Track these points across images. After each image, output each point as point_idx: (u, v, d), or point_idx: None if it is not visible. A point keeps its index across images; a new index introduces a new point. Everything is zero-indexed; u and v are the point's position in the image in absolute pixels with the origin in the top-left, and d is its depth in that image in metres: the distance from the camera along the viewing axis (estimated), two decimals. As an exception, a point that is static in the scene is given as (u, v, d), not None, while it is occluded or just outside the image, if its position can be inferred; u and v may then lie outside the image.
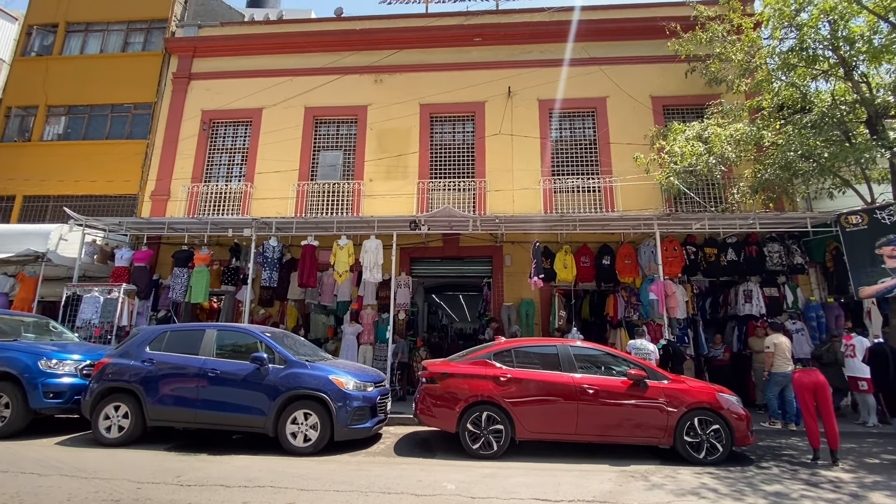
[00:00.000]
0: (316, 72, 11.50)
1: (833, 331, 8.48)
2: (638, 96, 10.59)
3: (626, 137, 10.31)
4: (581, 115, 10.99)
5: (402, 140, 10.95)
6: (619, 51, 10.97)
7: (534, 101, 10.89)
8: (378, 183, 10.68)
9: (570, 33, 10.96)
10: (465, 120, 11.24)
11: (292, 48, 11.85)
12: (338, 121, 11.50)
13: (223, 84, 11.76)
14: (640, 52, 10.87)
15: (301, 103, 11.35)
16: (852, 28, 7.74)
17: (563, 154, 10.76)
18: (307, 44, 11.84)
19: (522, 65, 11.08)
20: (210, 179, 11.34)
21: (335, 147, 11.33)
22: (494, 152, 10.66)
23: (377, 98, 11.30)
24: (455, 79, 11.19)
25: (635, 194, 9.88)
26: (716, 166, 8.37)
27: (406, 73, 11.42)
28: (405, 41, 11.53)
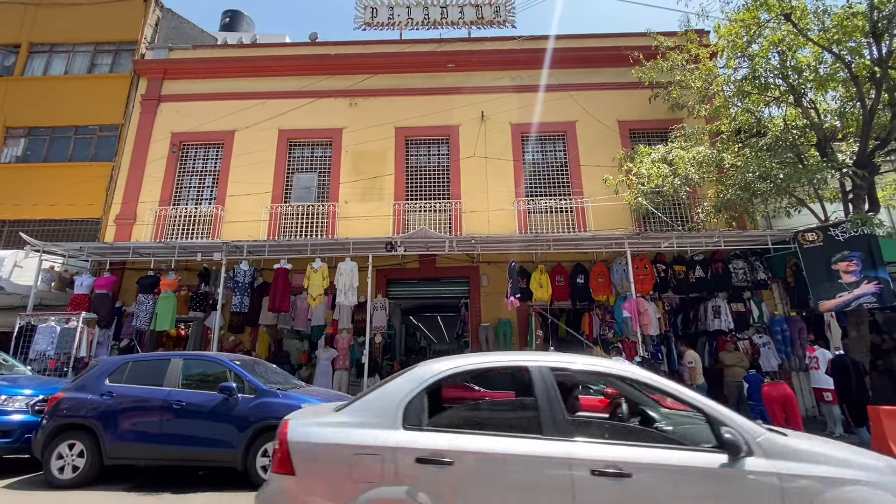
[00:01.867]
0: (290, 95, 11.48)
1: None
2: (605, 120, 10.98)
3: (595, 160, 10.61)
4: (552, 138, 11.29)
5: (377, 162, 10.97)
6: (587, 77, 11.41)
7: (506, 125, 11.15)
8: (353, 205, 10.62)
9: (539, 61, 11.35)
10: (440, 143, 11.37)
11: (266, 72, 11.83)
12: (312, 143, 11.45)
13: (194, 106, 11.57)
14: (606, 78, 11.32)
15: (275, 126, 11.27)
16: (799, 58, 8.31)
17: (536, 176, 10.98)
18: (281, 67, 11.85)
19: (495, 90, 11.37)
20: (179, 202, 11.02)
21: (309, 169, 11.24)
22: (469, 174, 10.78)
23: (352, 121, 11.34)
24: (429, 103, 11.37)
25: (606, 214, 10.13)
26: (681, 187, 8.69)
27: (381, 97, 11.53)
28: (380, 66, 11.69)
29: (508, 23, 12.07)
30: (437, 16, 12.12)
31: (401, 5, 12.16)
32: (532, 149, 11.21)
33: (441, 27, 12.20)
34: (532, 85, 11.34)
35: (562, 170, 11.00)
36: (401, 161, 11.03)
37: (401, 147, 11.14)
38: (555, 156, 11.18)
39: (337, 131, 11.29)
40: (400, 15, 12.17)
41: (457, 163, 10.93)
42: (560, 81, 11.29)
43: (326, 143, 11.38)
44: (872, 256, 7.43)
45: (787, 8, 7.87)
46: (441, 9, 12.12)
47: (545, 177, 10.99)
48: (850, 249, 7.62)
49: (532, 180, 10.93)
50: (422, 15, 12.14)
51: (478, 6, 12.09)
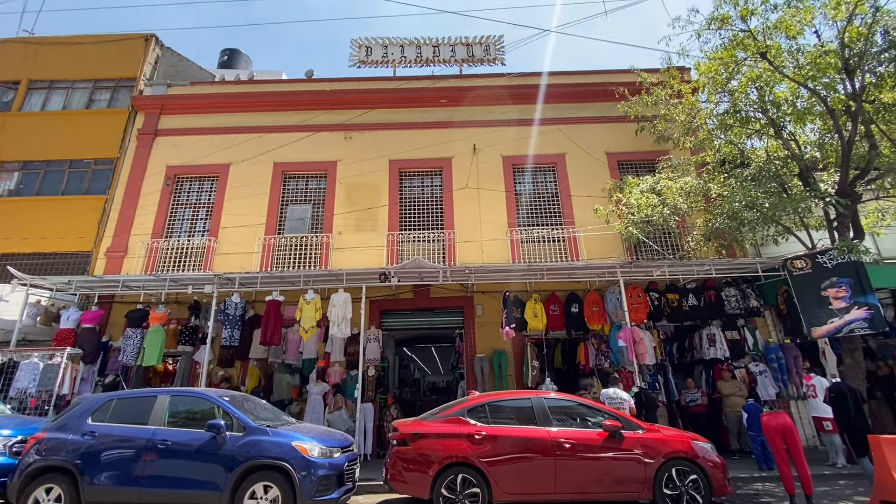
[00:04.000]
0: (286, 129, 11.67)
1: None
2: (594, 152, 11.24)
3: (585, 190, 10.80)
4: (543, 169, 11.49)
5: (371, 194, 11.06)
6: (575, 112, 11.76)
7: (498, 157, 11.36)
8: (347, 236, 10.62)
9: (529, 96, 11.73)
10: (434, 174, 11.52)
11: (262, 107, 12.07)
12: (307, 176, 11.55)
13: (190, 140, 11.71)
14: (594, 112, 11.68)
15: (270, 159, 11.39)
16: (777, 93, 8.65)
17: (528, 206, 11.10)
18: (277, 103, 12.09)
19: (486, 124, 11.65)
20: (172, 235, 10.95)
21: (304, 201, 11.28)
22: (462, 205, 10.89)
23: (347, 154, 11.50)
24: (423, 136, 11.60)
25: (598, 243, 10.21)
26: (670, 216, 8.82)
27: (376, 130, 11.76)
28: (374, 101, 11.98)
29: (498, 61, 12.53)
30: (429, 54, 12.56)
31: (394, 44, 12.62)
32: (524, 180, 11.38)
33: (433, 65, 12.62)
34: (522, 119, 11.65)
35: (553, 200, 11.15)
36: (395, 192, 11.12)
37: (395, 179, 11.26)
38: (546, 186, 11.35)
39: (332, 164, 11.42)
40: (393, 54, 12.60)
41: (450, 194, 11.04)
42: (549, 116, 11.62)
43: (321, 175, 11.49)
44: (861, 282, 7.51)
45: (762, 47, 8.25)
46: (433, 48, 12.58)
47: (537, 207, 11.11)
48: (839, 276, 7.70)
49: (524, 210, 11.04)
50: (415, 54, 12.58)
51: (468, 45, 12.57)
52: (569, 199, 10.87)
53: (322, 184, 11.44)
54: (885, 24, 7.63)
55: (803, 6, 8.11)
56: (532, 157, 11.33)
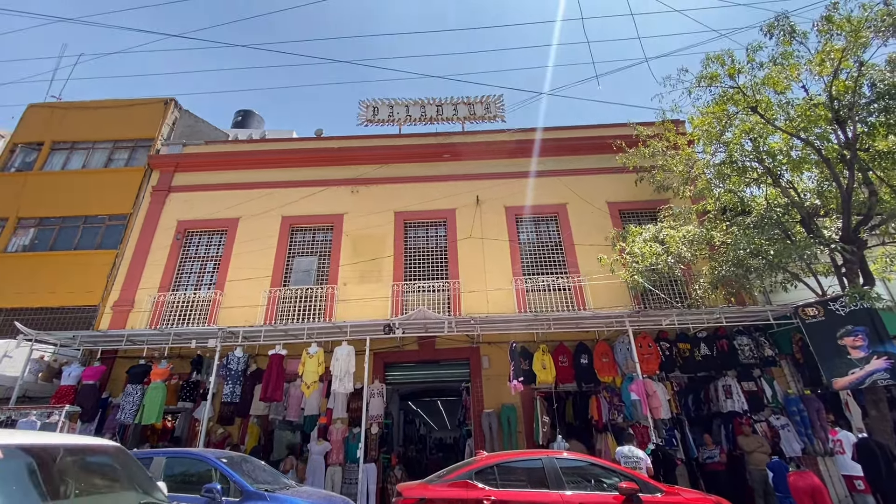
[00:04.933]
0: (295, 184, 12.03)
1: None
2: (595, 202, 11.40)
3: (588, 239, 10.84)
4: (545, 219, 11.63)
5: (377, 245, 11.16)
6: (575, 164, 12.06)
7: (501, 208, 11.54)
8: (352, 287, 10.60)
9: (529, 150, 12.12)
10: (438, 225, 11.67)
11: (273, 163, 12.51)
12: (314, 228, 11.74)
13: (202, 196, 12.06)
14: (593, 164, 11.97)
15: (278, 213, 11.65)
16: (771, 144, 8.84)
17: (532, 255, 11.13)
18: (287, 160, 12.55)
19: (488, 177, 11.95)
20: (179, 288, 11.00)
21: (310, 253, 11.39)
22: (467, 254, 10.92)
23: (354, 207, 11.73)
24: (427, 189, 11.88)
25: (604, 292, 10.10)
26: (675, 265, 8.75)
27: (382, 184, 12.07)
28: (381, 157, 12.40)
29: (498, 118, 13.07)
30: (433, 113, 13.16)
31: (400, 105, 13.27)
32: (526, 229, 11.50)
33: (437, 122, 13.17)
34: (523, 171, 11.96)
35: (556, 249, 11.18)
36: (399, 243, 11.22)
37: (400, 230, 11.41)
38: (549, 236, 11.43)
39: (338, 216, 11.64)
40: (399, 113, 13.21)
41: (454, 244, 11.12)
42: (549, 168, 11.92)
43: (327, 227, 11.68)
44: (877, 331, 7.27)
45: (752, 102, 8.55)
46: (437, 107, 13.20)
47: (541, 256, 11.12)
48: (854, 324, 7.48)
49: (528, 260, 11.05)
50: (419, 113, 13.18)
51: (470, 104, 13.18)
52: (572, 248, 10.89)
53: (328, 236, 11.58)
54: (870, 77, 7.84)
55: (788, 63, 8.44)
56: (534, 208, 11.50)
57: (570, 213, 11.37)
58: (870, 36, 7.58)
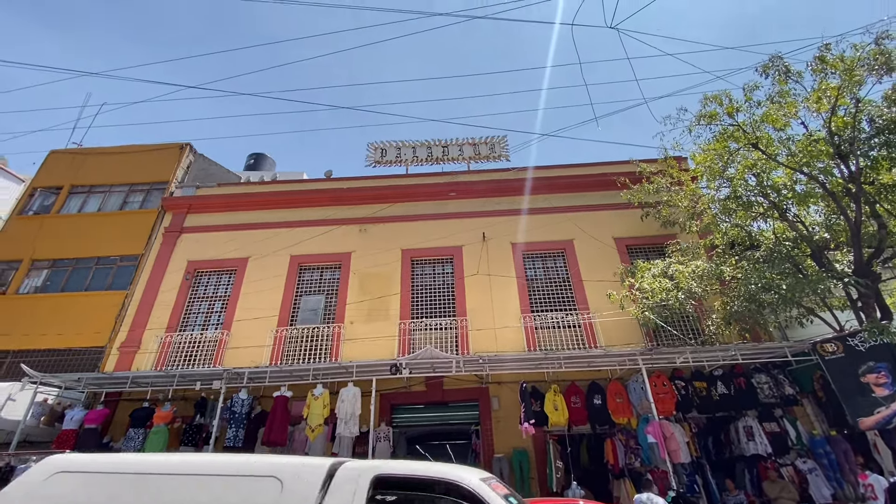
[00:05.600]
0: (304, 224, 12.23)
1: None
2: (602, 238, 11.42)
3: (596, 275, 10.77)
4: (553, 255, 11.64)
5: (384, 283, 11.17)
6: (580, 200, 12.20)
7: (507, 245, 11.58)
8: (359, 325, 10.53)
9: (534, 188, 12.34)
10: (445, 262, 11.71)
11: (283, 204, 12.79)
12: (322, 267, 11.82)
13: (213, 236, 12.26)
14: (598, 200, 12.10)
15: (287, 252, 11.77)
16: (775, 179, 8.89)
17: (540, 292, 11.06)
18: (297, 200, 12.82)
19: (494, 214, 12.10)
20: (186, 328, 10.98)
21: (317, 291, 11.40)
22: (474, 292, 10.89)
23: (361, 245, 11.85)
24: (434, 227, 12.02)
25: (615, 329, 9.91)
26: (685, 300, 8.61)
27: (389, 223, 12.24)
28: (388, 196, 12.64)
29: (503, 157, 13.42)
30: (439, 154, 13.57)
31: (407, 146, 13.72)
32: (534, 266, 11.50)
33: (443, 162, 13.55)
34: (529, 209, 12.10)
35: (565, 285, 11.11)
36: (406, 281, 11.23)
37: (407, 267, 11.45)
38: (557, 272, 11.40)
39: (346, 255, 11.74)
40: (406, 154, 13.63)
41: (461, 281, 11.10)
42: (555, 205, 12.07)
43: (335, 266, 11.76)
44: (901, 367, 7.03)
45: (752, 138, 8.69)
46: (443, 148, 13.64)
47: (549, 293, 11.05)
48: (875, 360, 7.24)
49: (537, 296, 10.97)
50: (426, 153, 13.60)
51: (475, 145, 13.59)
52: (581, 284, 10.82)
53: (336, 274, 11.64)
54: (869, 113, 7.96)
55: (786, 101, 8.62)
56: (541, 244, 11.57)
57: (578, 248, 11.39)
58: (864, 74, 7.75)
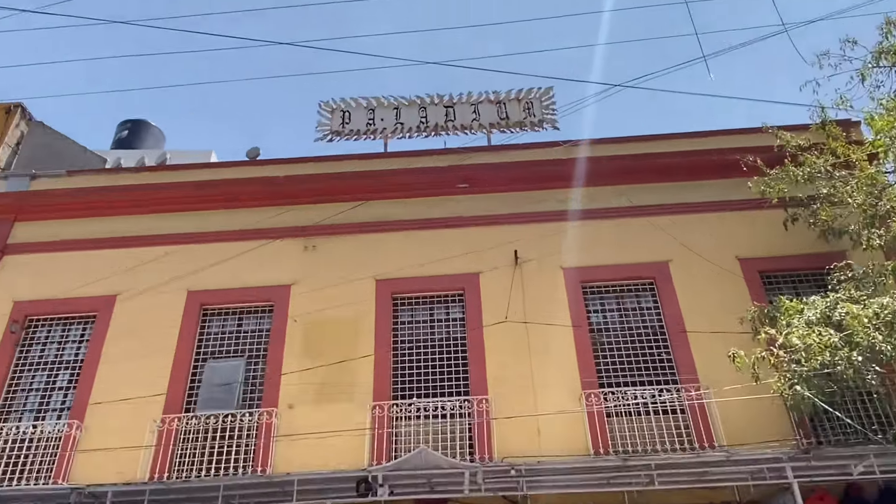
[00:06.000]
0: (211, 238, 12.18)
1: None
2: (718, 259, 11.23)
3: (708, 322, 10.58)
4: (634, 289, 11.57)
5: (345, 337, 11.04)
6: (679, 195, 12.12)
7: (556, 271, 11.48)
8: (304, 411, 10.41)
9: (600, 174, 12.25)
10: (449, 301, 11.62)
11: (176, 205, 12.75)
12: (240, 310, 11.74)
13: (58, 259, 12.21)
14: (708, 195, 12.03)
15: (182, 285, 11.69)
16: None
17: (615, 351, 10.91)
18: (199, 198, 12.80)
19: (533, 219, 12.03)
20: (9, 417, 10.80)
21: (233, 353, 11.29)
22: (500, 351, 10.73)
23: (308, 273, 11.75)
24: (431, 241, 11.91)
25: (744, 415, 9.70)
26: (865, 364, 8.39)
27: (354, 234, 12.17)
28: (354, 191, 12.56)
29: (548, 123, 13.33)
30: (439, 118, 13.59)
31: (386, 106, 13.77)
32: (602, 307, 11.43)
33: (446, 133, 13.47)
34: (592, 210, 12.03)
35: (656, 340, 10.98)
36: (384, 332, 11.11)
37: (385, 310, 11.33)
38: (642, 317, 11.30)
39: (281, 290, 11.61)
40: (384, 119, 13.67)
41: (478, 333, 10.96)
42: (636, 202, 11.96)
43: (263, 309, 11.66)
44: None
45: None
46: (446, 108, 13.67)
47: (630, 353, 10.88)
48: None
49: (608, 359, 10.82)
50: (416, 118, 13.63)
51: (500, 103, 13.59)
52: (684, 339, 10.67)
53: (265, 322, 11.55)
54: None
55: None
56: (614, 269, 11.47)
57: (677, 276, 11.30)
58: None
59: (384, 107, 13.74)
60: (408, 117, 13.63)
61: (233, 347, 11.36)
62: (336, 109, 13.72)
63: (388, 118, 13.64)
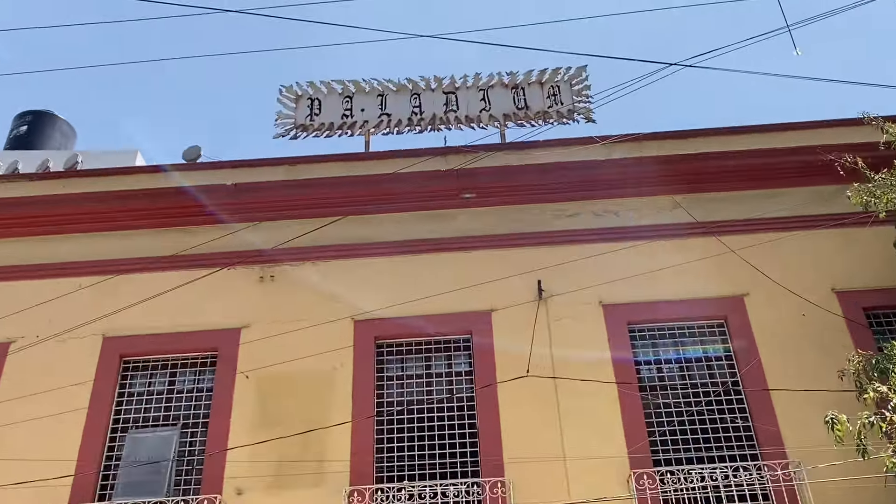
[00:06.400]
0: (131, 267, 12.01)
1: None
2: (809, 292, 11.06)
3: (798, 375, 10.42)
4: (698, 333, 11.49)
5: (313, 398, 10.98)
6: (756, 207, 11.97)
7: (593, 309, 11.40)
8: (258, 497, 10.33)
9: (650, 179, 12.22)
10: (452, 349, 11.62)
11: (88, 223, 12.66)
12: (172, 363, 11.62)
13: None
14: (795, 207, 11.92)
15: (95, 329, 11.50)
16: None
17: (673, 418, 10.79)
18: (123, 213, 12.67)
19: (562, 238, 12.01)
20: None
21: (163, 420, 11.16)
22: (520, 417, 10.61)
23: (263, 311, 11.74)
24: (428, 269, 11.94)
25: (846, 499, 9.66)
26: None
27: (327, 260, 12.16)
28: (326, 203, 12.49)
29: (580, 114, 13.23)
30: (437, 108, 13.57)
31: (366, 92, 13.71)
32: (657, 357, 11.38)
33: (446, 127, 13.43)
34: (640, 227, 12.05)
35: (728, 401, 10.82)
36: (366, 392, 11.01)
37: (366, 362, 11.25)
38: (709, 370, 11.20)
39: (229, 335, 11.52)
40: (365, 110, 13.65)
41: (490, 392, 10.78)
42: (699, 217, 11.86)
43: (204, 360, 11.58)
44: None
45: None
46: (445, 95, 13.62)
47: (693, 419, 10.74)
48: None
49: (664, 427, 10.67)
50: (408, 108, 13.62)
51: (517, 88, 13.46)
52: (765, 398, 10.50)
53: (205, 379, 11.49)
54: None
55: None
56: (671, 307, 11.42)
57: (755, 315, 11.21)
58: None
59: (365, 93, 13.73)
60: (396, 106, 13.61)
61: (163, 413, 11.21)
62: (302, 96, 13.72)
63: (370, 108, 13.62)
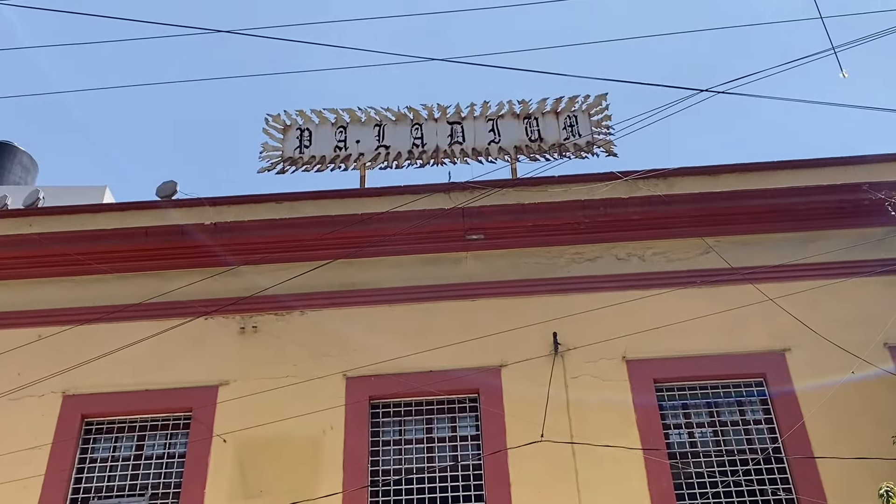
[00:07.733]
0: (98, 316, 11.82)
1: None
2: (857, 346, 10.76)
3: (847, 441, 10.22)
4: (734, 392, 11.26)
5: (300, 466, 10.77)
6: (797, 250, 11.85)
7: (616, 365, 11.20)
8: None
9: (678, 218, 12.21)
10: (457, 410, 11.43)
11: (49, 266, 12.56)
12: (140, 424, 11.39)
13: None
14: (841, 252, 11.70)
15: (54, 387, 11.29)
16: None
17: (707, 489, 10.54)
18: (86, 257, 12.43)
19: (581, 285, 11.85)
20: None
21: (129, 490, 10.93)
22: (532, 487, 10.38)
23: (244, 367, 11.54)
24: (429, 319, 11.79)
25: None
26: None
27: (316, 308, 12.01)
28: (316, 245, 12.32)
29: (600, 147, 13.12)
30: (440, 140, 13.45)
31: (362, 122, 13.56)
32: (688, 420, 11.19)
33: (449, 161, 13.27)
34: (669, 273, 11.94)
35: (769, 470, 10.60)
36: (359, 458, 10.77)
37: (359, 424, 11.03)
38: (747, 434, 10.99)
39: (204, 394, 11.27)
40: (361, 141, 13.52)
41: (499, 459, 10.55)
42: (734, 261, 11.66)
43: (176, 422, 11.35)
44: None
45: None
46: (450, 125, 13.50)
47: (729, 490, 10.48)
48: None
49: (697, 500, 10.46)
50: (408, 139, 13.50)
51: (529, 118, 13.31)
52: (810, 467, 10.22)
53: (178, 444, 11.26)
54: None
55: None
56: (703, 362, 11.22)
57: (797, 373, 10.98)
58: None
59: (360, 122, 13.69)
60: (395, 138, 13.56)
61: (129, 482, 10.98)
62: (290, 126, 13.66)
63: (366, 139, 13.56)
